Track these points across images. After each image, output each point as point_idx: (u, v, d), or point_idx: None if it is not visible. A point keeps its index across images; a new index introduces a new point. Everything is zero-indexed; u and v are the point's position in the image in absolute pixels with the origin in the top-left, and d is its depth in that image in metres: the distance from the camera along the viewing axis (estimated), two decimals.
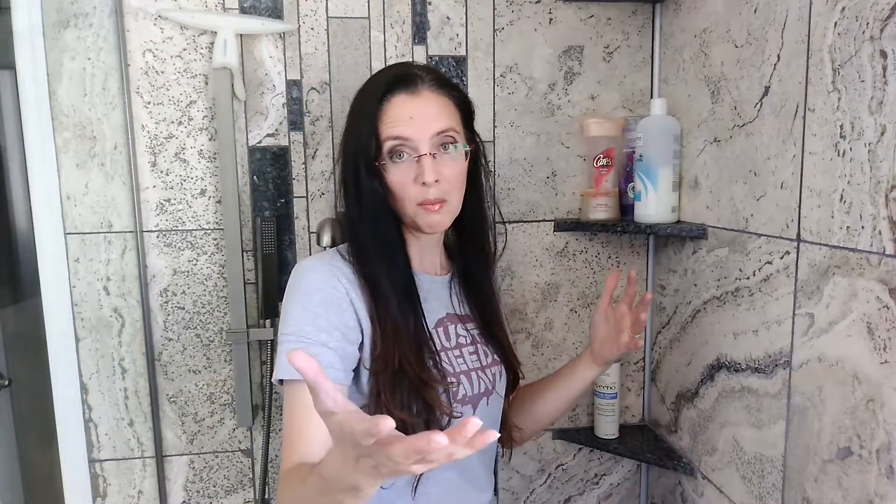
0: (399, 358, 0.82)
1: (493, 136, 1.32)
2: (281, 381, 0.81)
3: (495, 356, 0.98)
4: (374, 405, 0.82)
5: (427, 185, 0.83)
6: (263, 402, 1.29)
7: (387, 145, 0.83)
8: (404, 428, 0.78)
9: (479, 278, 1.00)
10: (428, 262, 0.96)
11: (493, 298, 1.03)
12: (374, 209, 0.86)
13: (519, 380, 1.05)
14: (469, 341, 0.95)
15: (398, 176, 0.84)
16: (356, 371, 0.84)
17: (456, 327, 0.95)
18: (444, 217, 0.87)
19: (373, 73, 0.94)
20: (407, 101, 0.84)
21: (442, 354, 0.89)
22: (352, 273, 0.86)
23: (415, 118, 0.83)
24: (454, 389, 0.88)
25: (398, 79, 0.85)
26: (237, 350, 1.26)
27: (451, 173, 0.85)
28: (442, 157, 0.85)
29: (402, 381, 0.82)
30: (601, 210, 1.28)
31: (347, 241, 0.92)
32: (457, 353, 0.93)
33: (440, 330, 0.93)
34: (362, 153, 0.85)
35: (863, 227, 0.75)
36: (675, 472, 1.28)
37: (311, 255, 0.95)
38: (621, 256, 1.39)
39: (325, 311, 0.81)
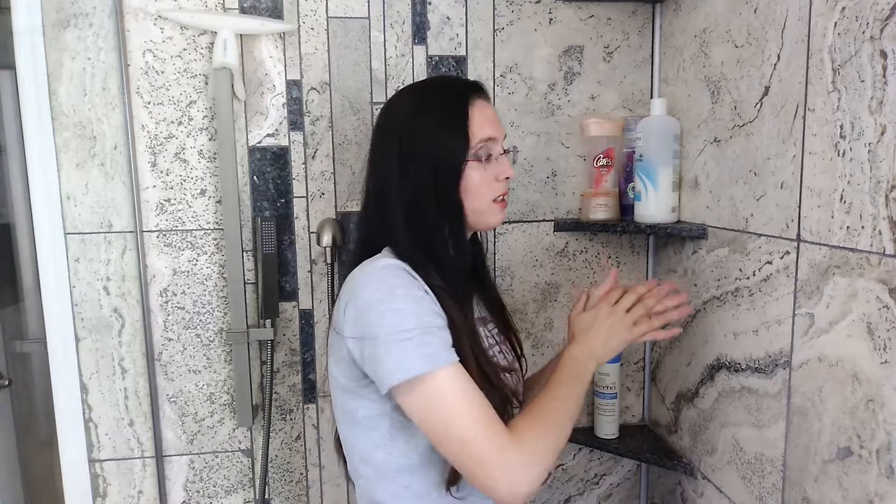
0: (474, 353, 0.83)
1: None
2: (389, 382, 0.78)
3: (513, 355, 1.00)
4: None
5: (506, 181, 0.92)
6: (263, 402, 1.29)
7: (478, 146, 0.88)
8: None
9: (486, 278, 1.03)
10: None
11: (501, 298, 1.05)
12: (455, 209, 0.88)
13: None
14: (494, 343, 0.97)
15: (482, 174, 0.89)
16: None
17: (484, 330, 0.96)
18: (505, 214, 0.95)
19: (425, 83, 0.97)
20: (486, 106, 0.91)
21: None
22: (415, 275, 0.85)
23: (494, 121, 0.91)
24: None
25: (477, 86, 0.92)
26: (237, 350, 1.26)
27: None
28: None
29: (482, 377, 0.82)
30: (601, 210, 1.28)
31: (412, 244, 0.87)
32: (490, 354, 0.93)
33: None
34: (449, 154, 0.86)
35: (863, 227, 0.75)
36: (675, 472, 1.28)
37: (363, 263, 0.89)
38: (621, 256, 1.39)
39: (428, 300, 0.81)
